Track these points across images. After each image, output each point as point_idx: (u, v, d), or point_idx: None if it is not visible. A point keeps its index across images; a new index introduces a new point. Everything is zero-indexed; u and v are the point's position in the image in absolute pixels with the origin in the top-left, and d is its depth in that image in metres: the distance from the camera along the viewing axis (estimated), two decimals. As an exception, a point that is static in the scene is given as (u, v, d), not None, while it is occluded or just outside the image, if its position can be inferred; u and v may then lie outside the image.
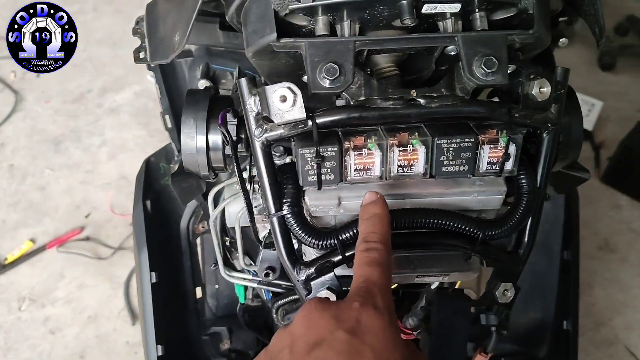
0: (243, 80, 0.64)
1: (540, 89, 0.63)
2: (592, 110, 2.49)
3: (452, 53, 0.66)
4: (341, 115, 0.63)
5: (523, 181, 0.67)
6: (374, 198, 0.63)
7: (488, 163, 0.65)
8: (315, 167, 0.63)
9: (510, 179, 0.69)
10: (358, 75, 0.64)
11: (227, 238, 1.02)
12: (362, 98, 0.64)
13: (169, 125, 1.06)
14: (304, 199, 0.68)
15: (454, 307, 0.66)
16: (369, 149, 0.63)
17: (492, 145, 0.64)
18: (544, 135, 0.67)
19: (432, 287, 0.78)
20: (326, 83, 0.62)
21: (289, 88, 0.61)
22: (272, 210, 0.66)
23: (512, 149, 0.64)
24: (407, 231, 0.67)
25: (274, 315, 0.98)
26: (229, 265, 1.02)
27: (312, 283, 0.64)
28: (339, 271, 0.69)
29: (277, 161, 0.69)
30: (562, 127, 0.76)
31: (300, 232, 0.65)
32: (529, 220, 0.68)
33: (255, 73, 1.04)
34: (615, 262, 2.13)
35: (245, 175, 0.86)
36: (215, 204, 0.92)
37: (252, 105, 0.64)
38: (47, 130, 2.48)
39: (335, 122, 0.63)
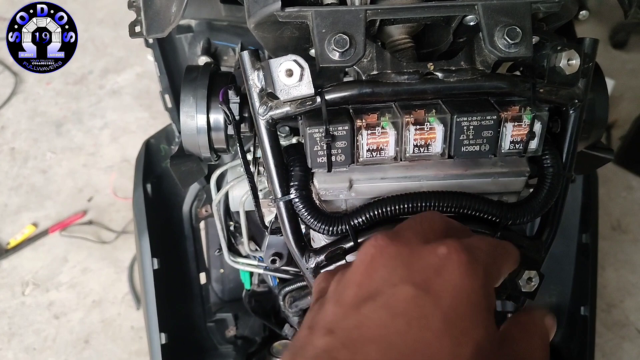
0: (245, 53, 0.60)
1: (569, 61, 0.58)
2: (605, 88, 2.42)
3: (472, 23, 0.61)
4: (352, 91, 0.58)
5: (547, 161, 0.62)
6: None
7: (511, 142, 0.60)
8: (325, 148, 0.58)
9: (533, 160, 0.64)
10: (370, 48, 0.59)
11: (231, 222, 0.98)
12: (375, 72, 0.59)
13: (169, 105, 1.01)
14: (312, 182, 0.63)
15: None
16: (383, 128, 0.58)
17: (516, 123, 0.59)
18: (570, 112, 0.63)
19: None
20: (336, 56, 0.57)
21: (296, 61, 0.57)
22: (279, 194, 0.62)
23: (538, 127, 0.59)
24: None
25: (281, 302, 0.94)
26: (234, 250, 0.98)
27: (322, 272, 0.60)
28: (351, 258, 0.65)
29: (283, 142, 0.65)
30: (587, 105, 0.71)
31: (308, 217, 0.61)
32: (553, 204, 0.64)
33: (261, 49, 1.00)
34: (627, 243, 2.09)
35: (250, 156, 0.82)
36: (219, 187, 0.88)
37: (255, 80, 0.60)
38: (49, 112, 2.43)
39: (345, 98, 0.58)
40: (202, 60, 0.93)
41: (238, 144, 0.67)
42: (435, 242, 0.41)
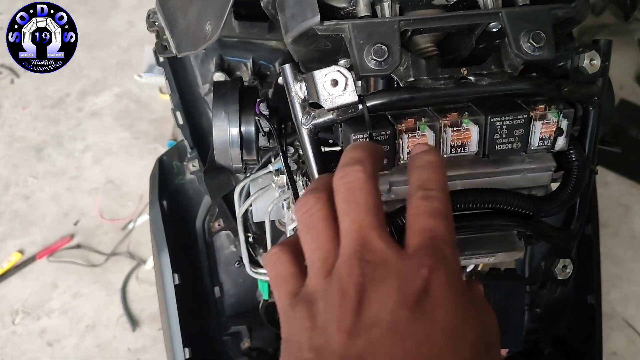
0: (287, 67, 0.62)
1: (591, 61, 0.63)
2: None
3: (494, 30, 0.65)
4: (392, 97, 0.61)
5: (573, 156, 0.67)
6: (425, 148, 0.54)
7: (540, 139, 0.64)
8: (368, 153, 0.61)
9: (557, 155, 0.68)
10: (405, 56, 0.63)
11: (249, 234, 0.99)
12: (412, 79, 0.62)
13: (181, 122, 1.03)
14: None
15: (508, 288, 0.65)
16: (422, 131, 0.62)
17: (545, 121, 0.63)
18: (590, 108, 0.67)
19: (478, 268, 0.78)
20: (374, 65, 0.60)
21: (340, 72, 0.60)
22: (323, 200, 0.64)
23: (564, 123, 0.63)
24: (460, 213, 0.65)
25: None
26: (253, 261, 1.00)
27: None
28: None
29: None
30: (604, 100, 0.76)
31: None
32: (580, 195, 0.68)
33: (270, 63, 1.02)
34: (607, 236, 2.17)
35: (272, 167, 0.85)
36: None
37: (298, 91, 0.62)
38: (27, 137, 2.40)
39: (385, 104, 0.62)
40: (217, 76, 0.94)
41: (280, 149, 0.69)
42: (415, 261, 0.43)
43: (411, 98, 0.61)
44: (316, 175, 0.64)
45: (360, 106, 0.61)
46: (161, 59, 0.97)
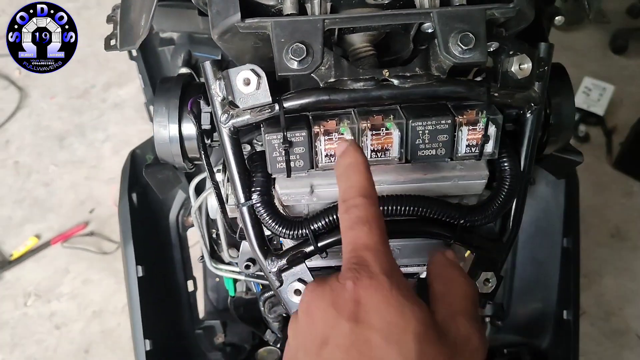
0: (207, 64, 0.61)
1: (521, 66, 0.60)
2: (604, 94, 2.42)
3: (430, 30, 0.63)
4: (310, 98, 0.60)
5: (505, 164, 0.63)
6: (344, 146, 0.55)
7: (467, 146, 0.61)
8: (283, 154, 0.60)
9: (492, 163, 0.65)
10: (328, 56, 0.61)
11: (213, 230, 0.99)
12: (332, 80, 0.61)
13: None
14: (274, 188, 0.65)
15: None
16: (340, 134, 0.60)
17: (471, 127, 0.60)
18: (527, 115, 0.64)
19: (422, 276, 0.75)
20: (294, 65, 0.58)
21: (253, 70, 0.58)
22: (242, 200, 0.63)
23: (492, 130, 0.60)
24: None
25: (262, 308, 0.96)
26: (216, 257, 1.00)
27: (283, 275, 0.61)
28: (315, 263, 0.66)
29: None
30: (552, 108, 0.72)
31: (270, 221, 0.62)
32: (513, 206, 0.65)
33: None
34: (626, 250, 2.08)
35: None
36: (198, 195, 0.90)
37: (217, 90, 0.61)
38: (52, 126, 2.48)
39: (303, 105, 0.60)
40: (183, 71, 0.95)
41: (203, 152, 0.69)
42: (342, 277, 0.48)
43: (329, 99, 0.60)
44: (236, 175, 0.63)
45: (277, 107, 0.60)
46: (134, 53, 0.98)
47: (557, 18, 0.91)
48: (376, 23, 0.62)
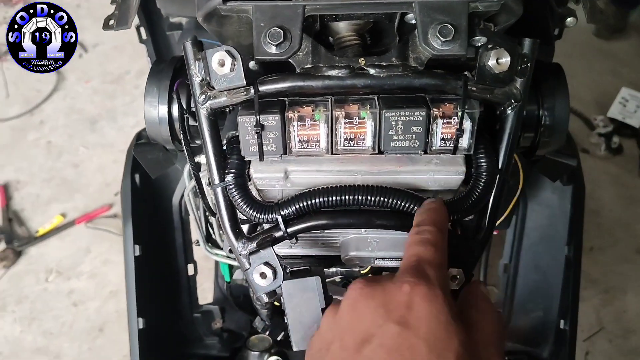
0: (188, 44, 0.62)
1: (498, 60, 0.58)
2: (641, 106, 2.34)
3: (413, 21, 0.62)
4: (284, 83, 0.60)
5: (482, 161, 0.62)
6: (433, 204, 0.60)
7: (442, 139, 0.60)
8: (255, 137, 0.60)
9: (470, 158, 0.64)
10: (306, 42, 0.61)
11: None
12: (309, 65, 0.61)
13: (162, 100, 1.05)
14: (249, 171, 0.65)
15: (301, 286, 0.60)
16: (315, 120, 0.60)
17: (446, 120, 0.59)
18: (508, 112, 0.62)
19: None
20: (272, 49, 0.59)
21: (229, 52, 0.59)
22: (216, 181, 0.64)
23: (468, 124, 0.59)
24: (353, 208, 0.63)
25: (252, 295, 0.96)
26: (212, 242, 1.01)
27: (250, 257, 0.62)
28: (285, 251, 0.66)
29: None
30: (546, 108, 0.71)
31: (241, 203, 0.63)
32: (490, 204, 0.63)
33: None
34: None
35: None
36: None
37: (196, 70, 0.62)
38: (85, 109, 2.55)
39: (278, 89, 0.60)
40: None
41: (182, 132, 0.70)
42: (399, 280, 0.50)
43: (303, 85, 0.60)
44: (212, 157, 0.64)
45: (252, 90, 0.60)
46: (144, 36, 1.00)
47: (568, 20, 0.88)
48: (357, 11, 0.62)
